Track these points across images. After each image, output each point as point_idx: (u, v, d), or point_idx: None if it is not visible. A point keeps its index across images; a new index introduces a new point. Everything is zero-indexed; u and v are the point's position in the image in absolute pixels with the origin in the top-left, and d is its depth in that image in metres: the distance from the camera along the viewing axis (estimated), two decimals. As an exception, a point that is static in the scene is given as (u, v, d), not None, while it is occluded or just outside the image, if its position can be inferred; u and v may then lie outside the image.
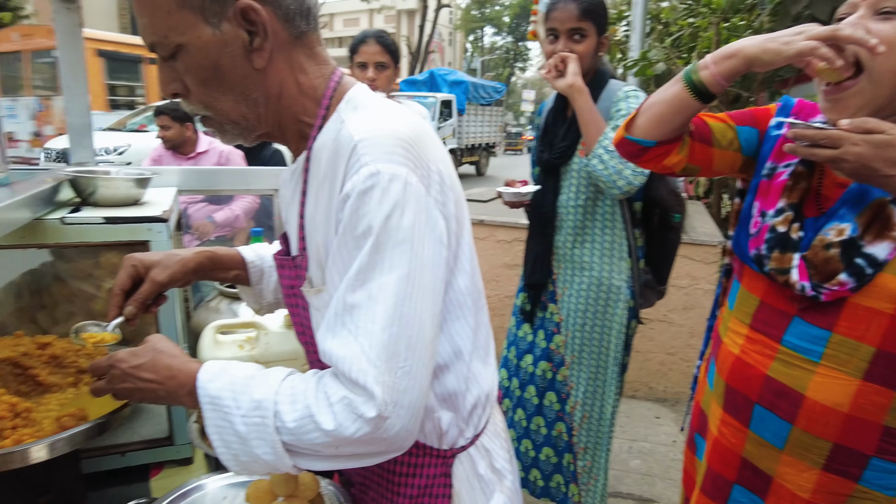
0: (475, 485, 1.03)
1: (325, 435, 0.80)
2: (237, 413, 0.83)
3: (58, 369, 1.23)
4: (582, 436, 2.29)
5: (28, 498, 1.11)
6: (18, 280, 1.49)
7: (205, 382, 0.86)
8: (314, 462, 0.85)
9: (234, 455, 0.85)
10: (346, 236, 0.84)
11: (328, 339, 0.84)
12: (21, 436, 0.99)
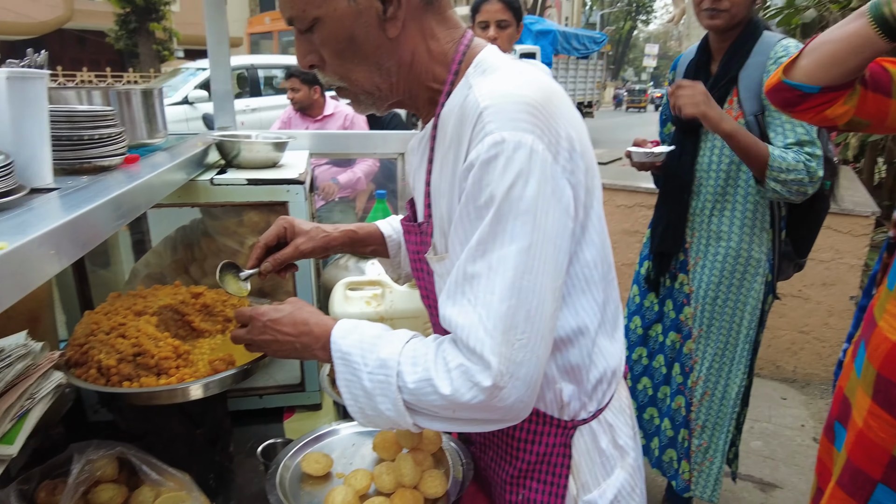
0: (595, 458, 1.02)
1: (442, 399, 0.82)
2: (364, 370, 0.87)
3: (208, 317, 1.36)
4: (701, 413, 2.18)
5: (187, 429, 1.25)
6: (173, 235, 1.65)
7: (337, 338, 0.92)
8: (433, 422, 0.87)
9: (361, 408, 0.89)
10: (469, 206, 0.84)
11: (448, 306, 0.85)
12: (182, 375, 1.11)
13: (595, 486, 1.02)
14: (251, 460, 1.39)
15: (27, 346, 1.08)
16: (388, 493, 1.04)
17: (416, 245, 1.05)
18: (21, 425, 0.98)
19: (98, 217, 0.79)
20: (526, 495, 1.04)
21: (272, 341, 1.00)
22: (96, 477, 1.09)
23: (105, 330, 1.15)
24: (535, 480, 1.02)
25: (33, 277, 0.62)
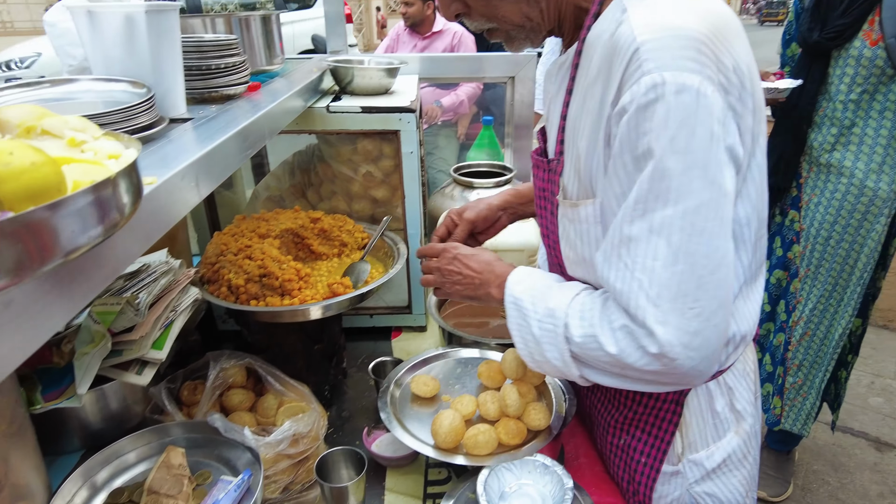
0: (708, 419, 0.98)
1: (608, 356, 0.80)
2: (534, 316, 0.88)
3: (326, 241, 1.42)
4: (799, 352, 2.11)
5: (307, 344, 1.34)
6: (290, 159, 1.71)
7: (512, 284, 0.93)
8: (601, 377, 0.86)
9: (530, 352, 0.91)
10: (624, 156, 0.76)
11: (605, 268, 0.81)
12: (304, 296, 1.18)
13: (703, 446, 0.99)
14: (362, 375, 1.48)
15: (168, 263, 1.19)
16: (492, 421, 1.07)
17: (543, 182, 1.00)
18: (167, 334, 1.09)
19: (230, 148, 0.82)
20: (628, 441, 1.04)
21: (455, 272, 1.05)
22: (229, 383, 1.21)
23: (233, 251, 1.23)
24: (640, 430, 1.01)
25: (179, 208, 0.66)
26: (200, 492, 0.98)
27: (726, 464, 1.00)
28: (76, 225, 0.41)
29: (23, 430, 0.88)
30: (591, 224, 0.87)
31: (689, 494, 1.01)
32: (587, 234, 0.88)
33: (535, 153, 1.04)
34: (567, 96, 0.89)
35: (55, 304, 0.44)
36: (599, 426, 1.10)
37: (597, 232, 0.87)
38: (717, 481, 1.01)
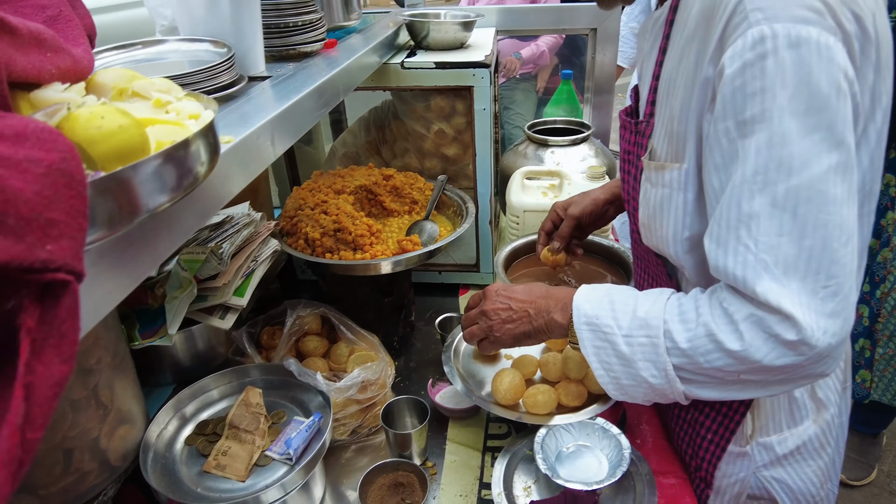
0: (783, 404, 0.93)
1: (729, 356, 0.72)
2: (619, 333, 0.80)
3: (397, 198, 1.44)
4: (889, 324, 2.00)
5: (377, 297, 1.39)
6: (366, 116, 1.74)
7: (581, 302, 0.85)
8: (711, 389, 0.78)
9: (615, 378, 0.83)
10: (727, 121, 0.70)
11: (720, 256, 0.73)
12: (375, 251, 1.22)
13: (776, 431, 0.94)
14: (429, 329, 1.52)
15: (250, 216, 1.25)
16: (552, 382, 1.08)
17: (630, 144, 0.95)
18: (248, 282, 1.16)
19: (305, 106, 0.85)
20: (695, 416, 1.01)
21: (503, 308, 0.96)
22: (304, 330, 1.28)
23: (310, 205, 1.28)
24: (709, 406, 0.98)
25: (255, 166, 0.69)
26: (275, 430, 1.06)
27: (800, 451, 0.95)
28: (159, 182, 0.44)
29: (124, 363, 0.98)
30: (674, 189, 0.82)
31: (756, 477, 0.98)
32: (668, 201, 0.83)
33: (623, 113, 0.99)
34: (660, 55, 0.83)
35: (143, 254, 0.48)
36: None
37: (678, 200, 0.82)
38: (789, 468, 0.96)
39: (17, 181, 0.31)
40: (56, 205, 0.32)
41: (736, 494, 1.01)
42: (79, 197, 0.34)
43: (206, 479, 0.98)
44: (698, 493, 1.05)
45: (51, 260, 0.31)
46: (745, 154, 0.68)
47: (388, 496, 1.05)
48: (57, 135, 0.34)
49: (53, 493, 0.87)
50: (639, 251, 1.07)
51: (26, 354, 0.30)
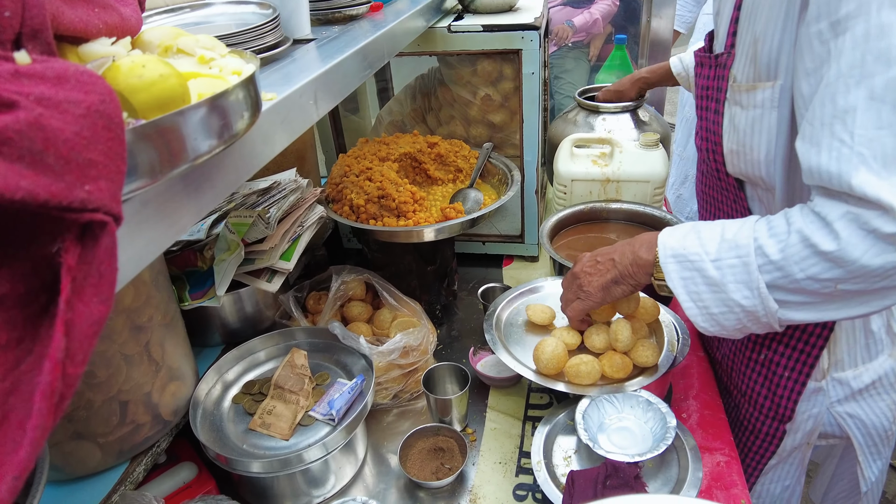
0: (860, 338, 0.94)
1: (825, 259, 0.71)
2: (707, 259, 0.81)
3: (442, 166, 1.43)
4: None
5: (420, 265, 1.39)
6: (413, 83, 1.72)
7: (665, 238, 0.87)
8: (802, 311, 0.77)
9: (704, 307, 0.83)
10: (820, 23, 0.71)
11: (812, 154, 0.73)
12: (418, 218, 1.21)
13: (851, 365, 0.96)
14: (472, 298, 1.52)
15: (297, 182, 1.26)
16: (597, 353, 1.06)
17: (708, 80, 0.98)
18: (294, 247, 1.18)
19: (348, 67, 0.84)
20: (769, 356, 1.02)
21: (590, 265, 0.98)
22: (349, 295, 1.29)
23: (356, 172, 1.28)
24: (784, 345, 0.99)
25: (298, 125, 0.69)
26: (319, 391, 1.08)
27: (875, 386, 0.97)
28: (199, 132, 0.44)
29: (175, 322, 1.01)
30: (765, 109, 0.84)
31: (830, 413, 1.00)
32: (759, 121, 0.86)
33: (699, 52, 1.02)
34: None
35: (185, 207, 0.48)
36: (737, 342, 1.09)
37: (770, 119, 0.84)
38: (863, 403, 0.98)
39: (57, 121, 0.31)
40: (95, 146, 0.32)
41: (809, 431, 1.03)
42: (117, 139, 0.34)
43: (251, 436, 1.01)
44: (773, 432, 1.07)
45: (89, 200, 0.31)
46: (840, 51, 0.69)
47: (427, 460, 1.06)
48: (97, 78, 0.34)
49: (112, 441, 0.91)
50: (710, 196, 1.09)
51: (67, 292, 0.31)
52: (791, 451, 1.10)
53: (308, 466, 0.97)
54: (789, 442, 1.07)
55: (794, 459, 1.12)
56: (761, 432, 1.09)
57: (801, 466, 1.14)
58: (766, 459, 1.12)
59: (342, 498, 1.01)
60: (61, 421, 0.87)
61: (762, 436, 1.10)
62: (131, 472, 0.93)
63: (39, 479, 0.69)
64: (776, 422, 1.05)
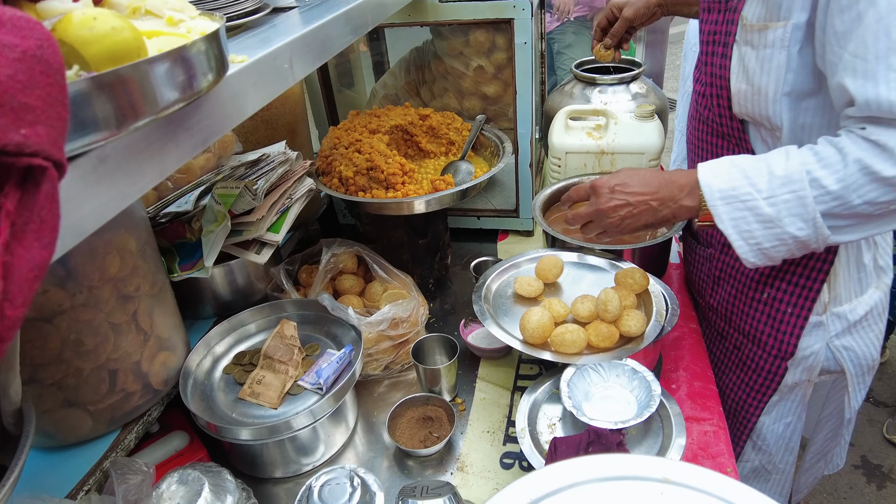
0: (854, 273, 1.00)
1: (885, 183, 0.75)
2: (759, 197, 0.82)
3: (434, 139, 1.42)
4: None
5: (412, 238, 1.39)
6: (407, 56, 1.70)
7: (709, 179, 0.87)
8: (854, 232, 0.81)
9: (756, 244, 0.85)
10: None
11: (868, 87, 0.75)
12: (408, 190, 1.21)
13: (847, 300, 1.01)
14: (466, 273, 1.52)
15: (286, 154, 1.26)
16: (583, 323, 1.05)
17: (717, 24, 1.00)
18: (283, 219, 1.18)
19: (329, 31, 0.83)
20: (772, 294, 1.05)
21: (621, 206, 0.96)
22: (340, 268, 1.30)
23: (345, 144, 1.28)
24: (786, 282, 1.03)
25: (272, 87, 0.68)
26: (308, 361, 1.09)
27: (867, 318, 1.02)
28: (156, 86, 0.44)
29: (163, 292, 1.02)
30: (775, 48, 0.87)
31: (828, 348, 1.04)
32: (769, 61, 0.88)
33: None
34: None
35: (147, 164, 0.48)
36: (738, 283, 1.12)
37: (780, 58, 0.88)
38: (856, 335, 1.04)
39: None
40: (31, 90, 0.32)
41: (810, 367, 1.08)
42: (56, 85, 0.34)
43: (241, 405, 1.02)
44: (774, 369, 1.11)
45: (25, 144, 0.31)
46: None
47: (416, 428, 1.07)
48: (34, 23, 0.34)
49: (102, 409, 0.92)
50: (706, 143, 1.12)
51: (5, 236, 0.31)
52: (792, 388, 1.14)
53: (296, 434, 0.98)
54: (790, 378, 1.11)
55: (795, 396, 1.16)
56: (763, 370, 1.13)
57: (802, 403, 1.18)
58: (768, 397, 1.16)
59: (331, 466, 1.02)
60: (51, 388, 0.88)
61: (764, 373, 1.14)
62: (122, 439, 0.94)
63: (25, 442, 0.71)
64: (778, 359, 1.09)
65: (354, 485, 0.93)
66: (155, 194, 1.20)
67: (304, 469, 1.05)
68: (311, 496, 0.92)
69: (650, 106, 1.47)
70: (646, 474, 0.56)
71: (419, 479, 0.99)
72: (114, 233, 0.88)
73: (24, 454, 0.68)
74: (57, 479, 0.87)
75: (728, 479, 0.57)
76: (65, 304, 0.83)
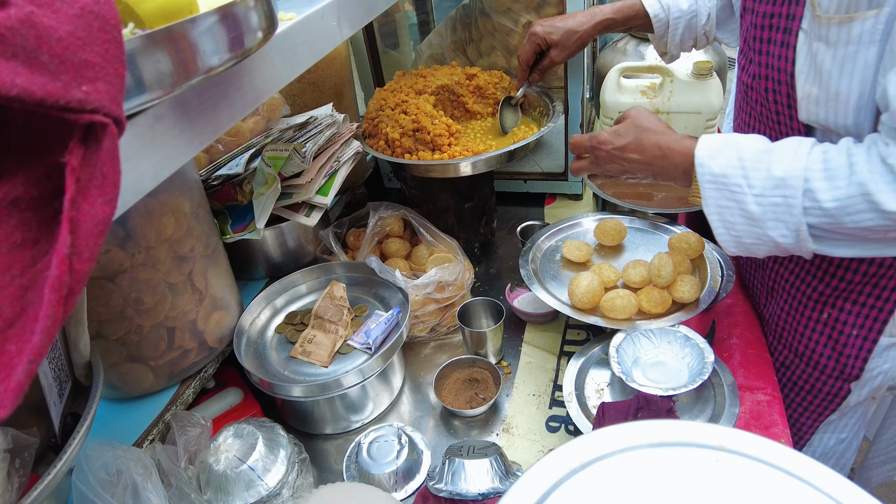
0: None
1: (884, 217, 0.67)
2: (749, 192, 0.75)
3: (481, 99, 1.39)
4: None
5: (458, 202, 1.38)
6: (454, 14, 1.66)
7: (705, 160, 0.80)
8: (844, 248, 0.74)
9: (736, 237, 0.80)
10: None
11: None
12: (454, 152, 1.19)
13: None
14: (512, 237, 1.50)
15: (333, 117, 1.26)
16: (635, 288, 1.03)
17: (775, 6, 0.83)
18: (332, 182, 1.19)
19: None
20: (833, 315, 0.95)
21: (621, 171, 0.95)
22: (386, 231, 1.30)
23: (391, 106, 1.27)
24: (851, 302, 0.91)
25: (320, 46, 0.68)
26: (357, 322, 1.10)
27: None
28: (208, 43, 0.43)
29: (217, 253, 1.05)
30: (862, 45, 0.71)
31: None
32: (853, 60, 0.73)
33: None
34: None
35: (202, 122, 0.49)
36: (793, 300, 1.01)
37: (867, 56, 0.71)
38: None
39: (50, 19, 0.31)
40: (90, 47, 0.32)
41: (876, 387, 0.97)
42: (114, 41, 0.34)
43: (292, 363, 1.05)
44: (835, 391, 1.01)
45: (87, 101, 0.31)
46: None
47: (462, 390, 1.08)
48: (91, -22, 0.34)
49: (162, 365, 0.96)
50: None
51: (72, 192, 0.32)
52: (854, 406, 1.04)
53: (346, 392, 1.00)
54: (853, 398, 1.00)
55: (855, 413, 1.06)
56: (821, 392, 1.02)
57: (862, 420, 1.08)
58: (825, 417, 1.06)
59: (379, 423, 1.04)
60: (115, 344, 0.93)
61: (822, 395, 1.03)
62: (181, 393, 0.99)
63: (95, 392, 0.74)
64: (840, 381, 0.98)
65: (402, 442, 0.95)
66: (206, 157, 1.22)
67: (353, 426, 1.07)
68: (360, 452, 0.95)
69: (708, 63, 1.39)
70: (701, 441, 0.55)
71: (465, 439, 1.01)
72: (168, 194, 0.90)
73: (95, 402, 0.72)
74: (124, 428, 0.92)
75: (786, 449, 0.56)
76: (125, 264, 0.87)
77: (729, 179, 0.77)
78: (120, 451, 0.77)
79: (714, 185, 0.78)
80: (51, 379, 0.69)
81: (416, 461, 0.96)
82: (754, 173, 0.75)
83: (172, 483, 0.82)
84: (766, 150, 0.76)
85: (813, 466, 0.54)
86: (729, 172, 0.77)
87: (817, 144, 0.74)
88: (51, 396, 0.69)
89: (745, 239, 0.78)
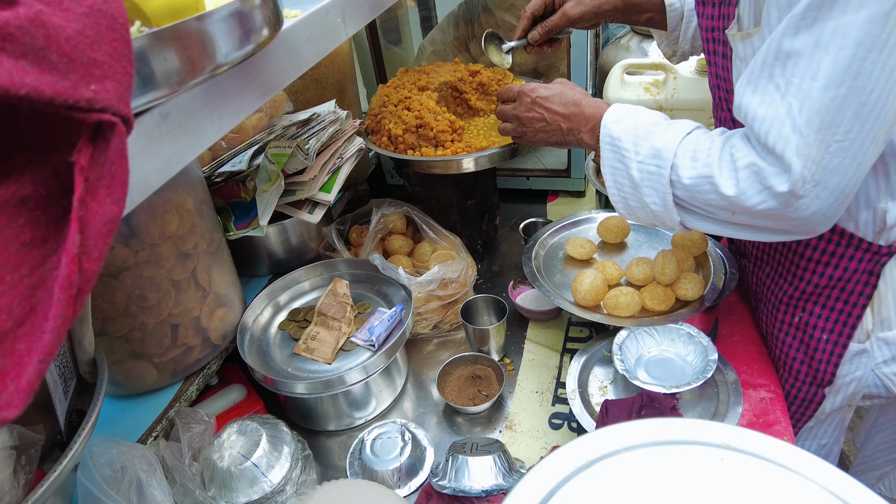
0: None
1: (722, 199, 0.74)
2: (634, 158, 0.82)
3: (484, 96, 1.39)
4: None
5: (461, 199, 1.38)
6: (456, 10, 1.66)
7: (609, 122, 0.86)
8: (703, 223, 0.81)
9: (624, 198, 0.86)
10: None
11: (747, 93, 0.71)
12: (456, 148, 1.19)
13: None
14: (515, 234, 1.50)
15: (336, 113, 1.26)
16: (638, 286, 1.03)
17: (713, 21, 0.88)
18: (335, 179, 1.18)
19: (379, -13, 0.81)
20: (804, 318, 0.94)
21: (538, 119, 0.98)
22: (389, 228, 1.30)
23: (394, 102, 1.26)
24: (820, 305, 0.92)
25: (325, 42, 0.68)
26: (360, 319, 1.10)
27: None
28: (214, 41, 0.43)
29: (220, 250, 1.05)
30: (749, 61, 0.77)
31: (875, 375, 0.93)
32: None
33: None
34: None
35: (207, 120, 0.49)
36: (768, 304, 1.02)
37: None
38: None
39: (58, 18, 0.31)
40: (99, 45, 0.32)
41: (851, 394, 0.97)
42: (122, 40, 0.34)
43: (296, 360, 1.05)
44: (810, 397, 1.01)
45: (95, 100, 0.31)
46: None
47: (465, 387, 1.08)
48: (99, -23, 0.34)
49: (165, 361, 0.97)
50: None
51: (80, 191, 0.31)
52: (830, 414, 1.03)
53: (349, 388, 1.01)
54: (828, 405, 1.00)
55: (832, 420, 1.05)
56: (797, 398, 1.02)
57: (841, 427, 1.07)
58: (803, 423, 1.06)
59: (383, 420, 1.05)
60: (119, 341, 0.93)
61: (798, 402, 1.03)
62: (185, 390, 0.99)
63: (100, 389, 0.75)
64: (814, 386, 0.99)
65: (405, 439, 0.95)
66: (209, 154, 1.22)
67: (357, 423, 1.08)
68: (363, 449, 0.95)
69: (712, 59, 1.39)
70: (705, 439, 0.55)
71: (468, 435, 1.01)
72: (172, 192, 0.90)
73: (100, 399, 0.72)
74: (128, 425, 0.92)
75: (792, 447, 0.56)
76: (129, 261, 0.87)
77: (622, 143, 0.83)
78: (124, 447, 0.78)
79: (610, 147, 0.84)
80: (56, 376, 0.69)
81: (419, 458, 0.96)
82: (642, 142, 0.81)
83: (177, 479, 0.82)
84: (657, 124, 0.82)
85: (818, 465, 0.54)
86: (623, 137, 0.83)
87: (700, 128, 0.80)
88: (56, 393, 0.69)
89: (630, 201, 0.84)
